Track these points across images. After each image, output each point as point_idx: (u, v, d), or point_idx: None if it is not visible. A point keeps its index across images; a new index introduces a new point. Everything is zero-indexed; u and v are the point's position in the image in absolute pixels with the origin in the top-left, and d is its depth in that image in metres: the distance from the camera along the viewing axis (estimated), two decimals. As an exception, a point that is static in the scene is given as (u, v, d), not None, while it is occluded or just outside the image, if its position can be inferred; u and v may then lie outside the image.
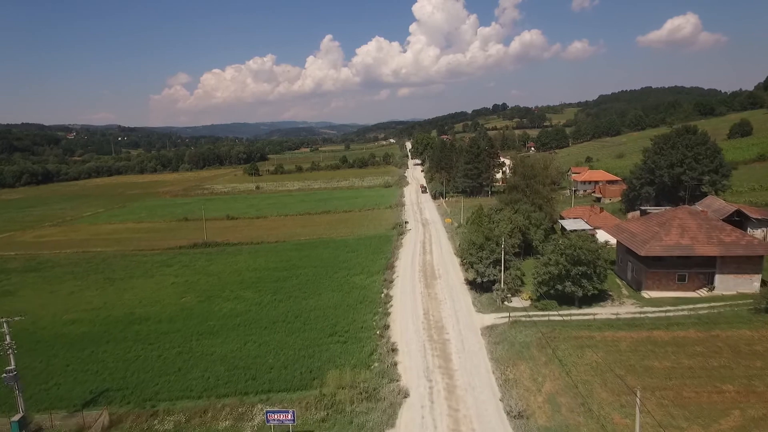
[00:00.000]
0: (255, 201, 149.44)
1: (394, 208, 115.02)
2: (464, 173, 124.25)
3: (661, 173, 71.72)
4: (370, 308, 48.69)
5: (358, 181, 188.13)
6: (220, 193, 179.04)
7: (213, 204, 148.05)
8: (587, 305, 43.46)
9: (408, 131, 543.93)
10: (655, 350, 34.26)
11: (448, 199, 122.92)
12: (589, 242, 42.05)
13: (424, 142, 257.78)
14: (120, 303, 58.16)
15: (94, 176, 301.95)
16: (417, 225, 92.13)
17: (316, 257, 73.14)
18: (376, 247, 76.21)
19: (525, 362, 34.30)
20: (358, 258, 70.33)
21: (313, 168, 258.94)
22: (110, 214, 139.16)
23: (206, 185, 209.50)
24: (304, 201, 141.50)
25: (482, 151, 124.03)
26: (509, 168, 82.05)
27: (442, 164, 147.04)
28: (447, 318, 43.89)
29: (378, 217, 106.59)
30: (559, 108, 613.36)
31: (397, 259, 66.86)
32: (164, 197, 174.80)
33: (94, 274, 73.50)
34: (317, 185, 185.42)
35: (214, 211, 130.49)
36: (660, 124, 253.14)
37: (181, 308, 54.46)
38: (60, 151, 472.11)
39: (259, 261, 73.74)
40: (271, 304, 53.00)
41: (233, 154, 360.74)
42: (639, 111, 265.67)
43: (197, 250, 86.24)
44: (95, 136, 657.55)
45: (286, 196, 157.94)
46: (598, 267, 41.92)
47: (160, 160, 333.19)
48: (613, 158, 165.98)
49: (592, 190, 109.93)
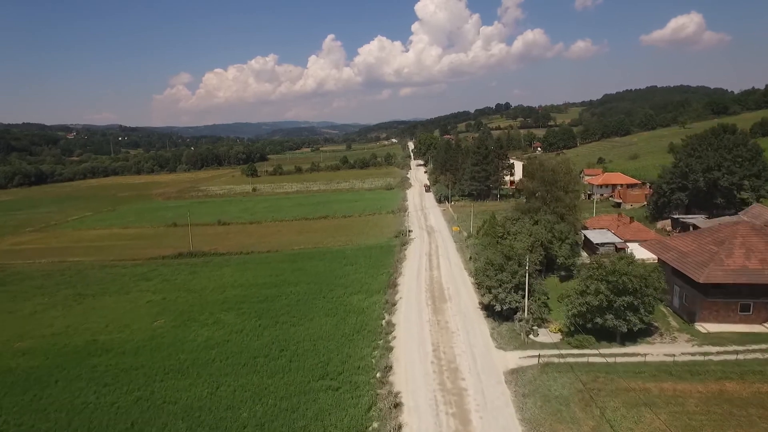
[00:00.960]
0: (250, 204, 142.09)
1: (397, 213, 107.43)
2: (471, 176, 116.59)
3: (696, 178, 64.02)
4: (369, 340, 41.21)
5: (359, 183, 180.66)
6: (214, 195, 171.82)
7: (206, 207, 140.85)
8: (631, 341, 35.91)
9: (410, 131, 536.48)
10: (734, 412, 26.68)
11: (454, 204, 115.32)
12: (636, 266, 34.43)
13: (427, 142, 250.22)
14: (85, 326, 50.87)
15: (89, 177, 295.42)
16: (422, 233, 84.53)
17: (311, 271, 65.67)
18: (377, 259, 68.67)
19: (566, 427, 26.74)
20: (356, 272, 62.84)
21: (312, 169, 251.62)
22: (97, 218, 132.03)
23: (202, 187, 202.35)
24: (302, 204, 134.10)
25: (490, 152, 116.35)
26: (525, 171, 74.37)
27: (447, 166, 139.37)
28: (461, 356, 36.36)
29: (379, 223, 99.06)
30: (563, 107, 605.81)
31: (400, 275, 59.30)
32: (157, 200, 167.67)
33: (66, 288, 66.30)
34: (316, 187, 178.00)
35: (206, 216, 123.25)
36: (671, 124, 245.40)
37: (152, 335, 47.10)
38: (58, 151, 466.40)
39: (247, 275, 66.33)
40: (254, 332, 45.56)
41: (232, 155, 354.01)
42: (649, 110, 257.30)
43: (181, 260, 78.91)
44: (95, 136, 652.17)
45: (283, 199, 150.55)
46: (647, 296, 34.36)
47: (158, 161, 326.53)
48: (626, 159, 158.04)
49: (610, 195, 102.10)
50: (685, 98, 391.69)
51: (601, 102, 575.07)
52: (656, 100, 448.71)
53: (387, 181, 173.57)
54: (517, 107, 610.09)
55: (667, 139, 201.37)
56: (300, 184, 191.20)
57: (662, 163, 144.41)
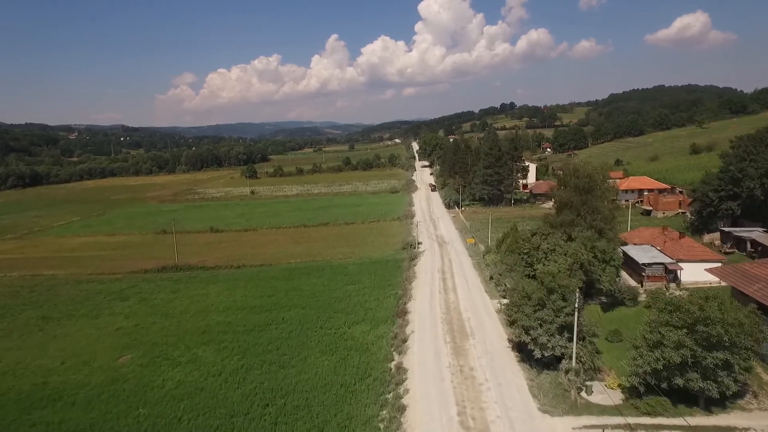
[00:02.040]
0: (247, 209, 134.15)
1: (403, 220, 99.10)
2: (483, 179, 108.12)
3: (752, 184, 55.50)
4: (374, 392, 32.98)
5: (362, 186, 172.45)
6: (211, 198, 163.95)
7: (200, 212, 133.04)
8: (719, 406, 27.51)
9: (414, 131, 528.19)
10: None
11: (464, 209, 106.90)
12: (730, 309, 25.99)
13: (433, 142, 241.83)
14: (38, 363, 42.95)
15: (86, 178, 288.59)
16: (432, 244, 76.20)
17: (307, 290, 57.52)
18: (383, 276, 60.40)
19: None
20: (359, 293, 54.62)
21: (314, 170, 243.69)
22: (84, 224, 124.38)
23: (199, 189, 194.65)
24: (301, 209, 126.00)
25: (504, 153, 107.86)
26: (559, 175, 65.94)
27: (455, 168, 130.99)
28: (496, 423, 28.01)
29: (384, 231, 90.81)
30: (568, 107, 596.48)
31: (410, 299, 51.01)
32: (150, 203, 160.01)
33: (32, 309, 58.52)
34: (317, 190, 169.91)
35: (199, 222, 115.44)
36: (687, 123, 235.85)
37: (113, 377, 39.09)
38: (58, 152, 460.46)
39: (235, 295, 58.25)
40: (235, 376, 37.44)
41: (232, 155, 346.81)
42: (663, 110, 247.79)
43: (165, 275, 70.95)
44: (97, 136, 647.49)
45: (282, 203, 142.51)
46: (743, 350, 25.95)
47: (157, 162, 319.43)
48: (645, 161, 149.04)
49: (636, 201, 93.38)
50: (697, 97, 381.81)
51: (607, 102, 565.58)
52: (665, 99, 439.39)
53: (391, 184, 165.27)
54: (522, 107, 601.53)
55: (684, 139, 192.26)
56: (300, 186, 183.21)
57: (684, 164, 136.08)
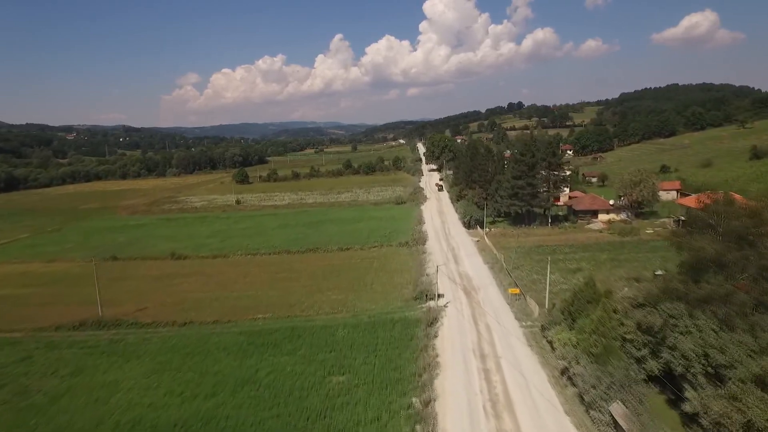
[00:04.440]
0: (226, 224, 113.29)
1: (413, 246, 77.72)
2: (512, 192, 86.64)
3: None
4: None
5: (363, 194, 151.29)
6: (189, 209, 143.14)
7: (170, 228, 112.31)
8: None
9: (418, 131, 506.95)
10: None
11: (490, 230, 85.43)
12: None
13: (441, 143, 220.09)
14: None
15: (69, 182, 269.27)
16: (456, 291, 54.61)
17: (268, 384, 36.44)
18: (388, 358, 39.05)
19: None
20: (350, 400, 33.40)
21: (311, 174, 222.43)
22: (30, 242, 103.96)
23: (181, 197, 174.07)
24: (288, 226, 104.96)
25: (540, 160, 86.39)
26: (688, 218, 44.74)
27: (473, 177, 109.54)
28: None
29: (389, 263, 69.51)
30: (578, 106, 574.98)
31: (435, 426, 29.55)
32: (120, 215, 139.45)
33: None
34: (312, 199, 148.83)
35: (165, 241, 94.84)
36: (723, 123, 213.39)
37: None
38: (50, 153, 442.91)
39: (158, 390, 37.28)
40: None
41: (227, 157, 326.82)
42: (697, 107, 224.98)
43: (80, 336, 50.38)
44: (96, 136, 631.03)
45: (268, 216, 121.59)
46: None
47: (146, 164, 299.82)
48: (695, 167, 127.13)
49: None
50: (722, 95, 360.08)
51: (619, 101, 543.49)
52: (681, 98, 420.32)
53: (396, 193, 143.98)
54: (531, 106, 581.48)
55: (729, 141, 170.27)
56: (294, 194, 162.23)
57: (750, 173, 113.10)
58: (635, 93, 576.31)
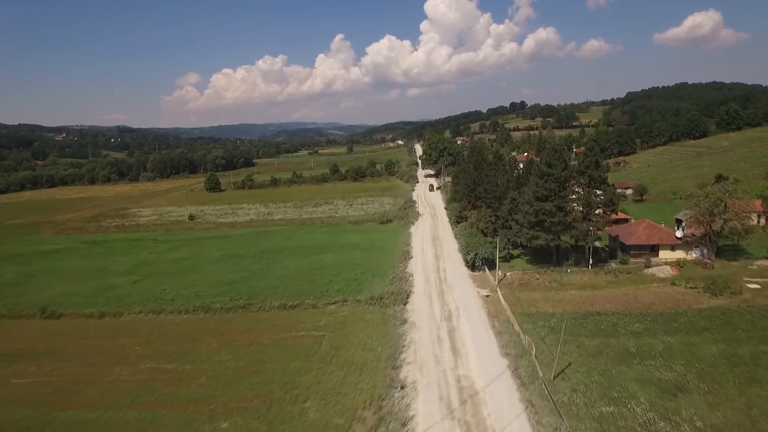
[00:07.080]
0: (157, 253, 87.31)
1: (388, 305, 51.64)
2: (536, 219, 60.33)
3: None
4: None
5: (344, 207, 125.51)
6: (133, 226, 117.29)
7: (88, 256, 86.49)
8: None
9: (418, 132, 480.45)
10: None
11: (504, 276, 59.11)
12: None
13: (440, 146, 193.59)
14: None
15: (29, 188, 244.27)
16: None
17: None
18: None
19: None
20: None
21: (293, 181, 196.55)
22: None
23: (134, 208, 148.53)
24: (233, 258, 78.92)
25: (577, 173, 60.20)
26: None
27: (478, 192, 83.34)
28: None
29: (344, 347, 43.31)
30: (584, 106, 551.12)
31: None
32: (44, 234, 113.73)
33: None
34: (281, 213, 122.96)
35: (60, 281, 69.38)
36: (762, 122, 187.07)
37: None
38: (28, 155, 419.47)
39: None
40: None
41: (209, 160, 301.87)
42: (734, 105, 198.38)
43: None
44: (86, 137, 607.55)
45: (217, 240, 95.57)
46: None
47: (117, 168, 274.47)
48: (757, 177, 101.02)
49: None
50: (743, 94, 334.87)
51: (625, 100, 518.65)
52: (692, 97, 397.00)
53: (384, 207, 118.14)
54: (534, 106, 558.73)
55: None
56: (263, 206, 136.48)
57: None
58: (642, 92, 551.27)
